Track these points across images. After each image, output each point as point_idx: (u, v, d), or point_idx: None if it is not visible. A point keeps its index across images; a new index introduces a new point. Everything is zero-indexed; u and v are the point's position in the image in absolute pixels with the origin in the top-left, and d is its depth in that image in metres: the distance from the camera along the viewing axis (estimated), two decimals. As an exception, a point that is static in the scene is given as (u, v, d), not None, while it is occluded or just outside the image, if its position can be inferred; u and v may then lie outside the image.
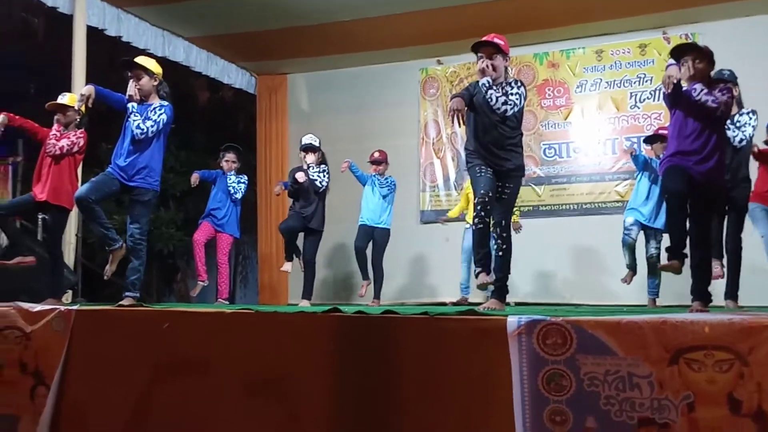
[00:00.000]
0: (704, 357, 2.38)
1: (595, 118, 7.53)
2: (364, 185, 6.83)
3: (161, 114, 4.35)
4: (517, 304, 6.68)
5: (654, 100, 7.23)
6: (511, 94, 4.07)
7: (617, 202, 7.19)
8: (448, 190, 8.07)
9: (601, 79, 7.53)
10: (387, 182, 6.77)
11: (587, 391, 2.49)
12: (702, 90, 3.73)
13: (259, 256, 8.92)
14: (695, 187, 3.74)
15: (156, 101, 4.42)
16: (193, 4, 6.84)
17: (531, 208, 7.60)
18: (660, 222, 5.71)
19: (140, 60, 4.48)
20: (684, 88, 3.81)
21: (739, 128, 4.81)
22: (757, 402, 2.32)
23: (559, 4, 6.76)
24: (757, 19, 6.79)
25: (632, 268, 5.93)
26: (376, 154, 6.78)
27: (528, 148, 7.74)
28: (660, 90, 7.14)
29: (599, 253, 7.00)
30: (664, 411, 2.40)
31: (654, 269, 5.75)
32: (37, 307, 3.72)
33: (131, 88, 4.38)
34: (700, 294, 3.69)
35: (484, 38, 4.13)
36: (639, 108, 7.31)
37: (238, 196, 6.53)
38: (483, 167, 4.09)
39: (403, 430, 2.84)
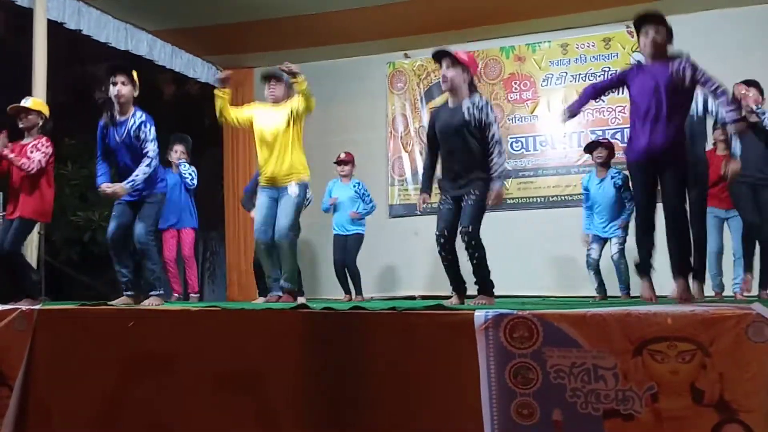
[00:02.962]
0: (667, 348, 2.41)
1: (561, 111, 7.57)
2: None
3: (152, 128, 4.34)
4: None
5: (619, 94, 7.27)
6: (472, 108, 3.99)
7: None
8: (416, 184, 8.07)
9: (566, 73, 7.59)
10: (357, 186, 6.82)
11: (553, 383, 2.51)
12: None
13: (227, 252, 8.86)
14: (661, 169, 3.81)
15: (133, 113, 4.36)
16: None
17: (498, 201, 7.64)
18: (614, 229, 5.82)
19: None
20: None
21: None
22: (719, 392, 2.36)
23: (525, -2, 6.80)
24: (722, 12, 6.89)
25: (601, 292, 5.95)
26: (343, 155, 6.79)
27: (495, 142, 7.80)
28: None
29: (566, 245, 7.05)
30: (629, 402, 2.43)
31: (619, 269, 5.82)
32: (-1, 308, 3.66)
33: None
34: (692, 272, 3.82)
35: (443, 51, 4.08)
36: (604, 101, 7.36)
37: (195, 182, 6.37)
38: (446, 198, 4.08)
39: (374, 424, 2.84)
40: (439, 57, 4.09)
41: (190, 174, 6.37)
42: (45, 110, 4.98)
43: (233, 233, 8.66)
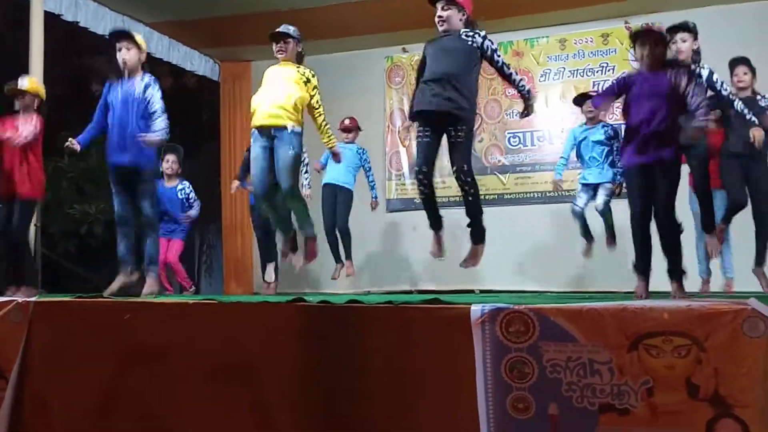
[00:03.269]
0: (663, 343, 2.42)
1: (558, 106, 7.59)
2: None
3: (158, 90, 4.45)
4: (482, 291, 6.73)
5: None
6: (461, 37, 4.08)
7: (581, 189, 7.27)
8: (414, 178, 8.08)
9: (564, 68, 7.59)
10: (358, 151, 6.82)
11: (549, 378, 2.52)
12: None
13: (224, 245, 8.85)
14: (656, 173, 3.81)
15: (141, 75, 4.45)
16: (154, -11, 6.74)
17: (496, 196, 7.64)
18: (606, 175, 5.84)
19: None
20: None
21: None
22: (714, 386, 2.36)
23: (523, -7, 6.80)
24: (718, 9, 6.90)
25: (586, 236, 5.97)
26: (347, 122, 6.78)
27: (493, 137, 7.80)
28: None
29: (564, 240, 7.06)
30: (624, 396, 2.43)
31: (605, 218, 5.88)
32: (-5, 299, 3.65)
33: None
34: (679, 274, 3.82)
35: None
36: (600, 97, 7.38)
37: (196, 211, 6.45)
38: (423, 129, 4.07)
39: (370, 417, 2.85)
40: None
41: (191, 199, 6.43)
42: (41, 92, 4.96)
43: (230, 226, 8.65)
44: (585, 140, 5.98)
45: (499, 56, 4.15)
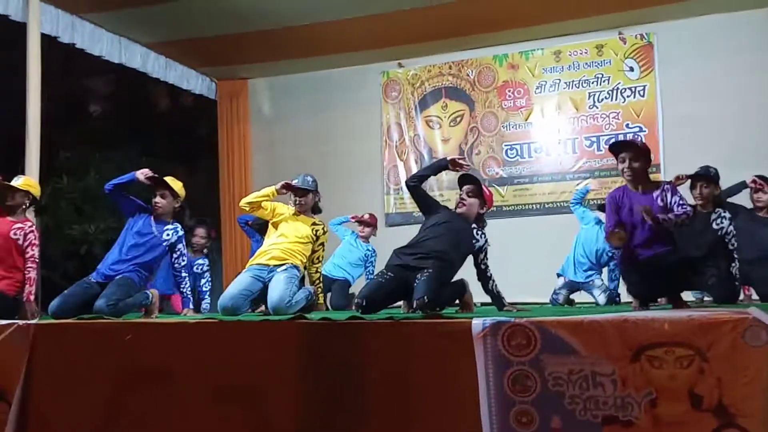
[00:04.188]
0: (665, 353, 2.41)
1: (555, 118, 7.62)
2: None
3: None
4: (483, 304, 6.71)
5: (612, 100, 7.36)
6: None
7: (579, 200, 7.29)
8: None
9: (559, 80, 7.63)
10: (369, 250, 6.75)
11: (552, 391, 2.51)
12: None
13: (224, 263, 8.84)
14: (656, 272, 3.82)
15: (172, 222, 4.62)
16: (150, 9, 6.75)
17: (494, 208, 7.64)
18: (592, 276, 6.06)
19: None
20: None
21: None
22: (717, 397, 2.36)
23: (518, 6, 6.82)
24: (711, 18, 6.94)
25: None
26: (366, 216, 6.78)
27: (490, 149, 7.83)
28: (617, 89, 7.29)
29: (562, 251, 7.07)
30: (628, 408, 2.43)
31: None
32: (-5, 323, 3.64)
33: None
34: None
35: (470, 176, 4.42)
36: (597, 108, 7.42)
37: (206, 288, 6.34)
38: (384, 272, 4.11)
39: (372, 434, 2.84)
40: (464, 181, 4.33)
41: (204, 275, 6.39)
42: (35, 191, 4.79)
43: (230, 243, 8.64)
44: (589, 228, 6.16)
45: (485, 262, 4.28)
